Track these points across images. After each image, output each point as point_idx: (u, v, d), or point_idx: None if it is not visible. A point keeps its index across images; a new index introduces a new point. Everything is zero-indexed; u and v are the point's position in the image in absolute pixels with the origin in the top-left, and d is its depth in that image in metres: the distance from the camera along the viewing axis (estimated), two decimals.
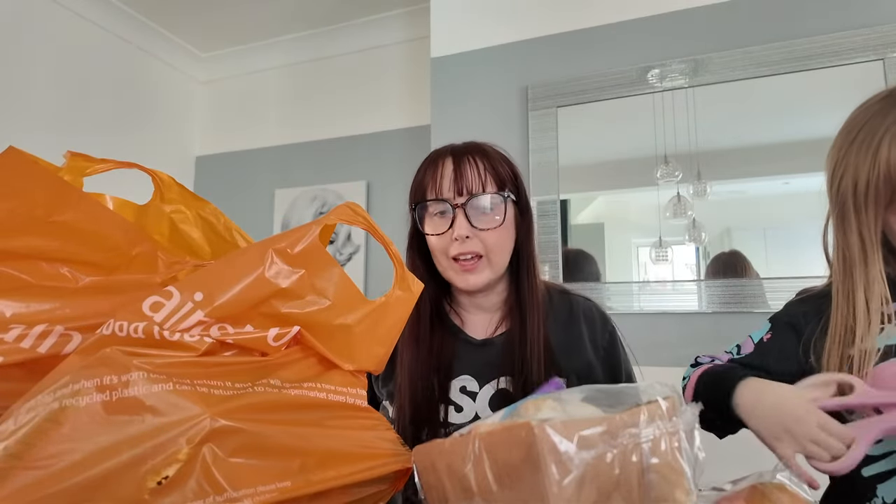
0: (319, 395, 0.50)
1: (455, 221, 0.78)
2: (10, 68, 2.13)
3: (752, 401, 0.63)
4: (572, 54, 1.84)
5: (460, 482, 0.42)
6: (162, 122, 2.80)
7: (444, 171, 0.80)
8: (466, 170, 0.79)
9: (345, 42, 2.69)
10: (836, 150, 0.71)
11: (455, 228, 0.77)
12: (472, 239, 0.78)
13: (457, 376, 0.81)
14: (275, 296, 0.48)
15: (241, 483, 0.40)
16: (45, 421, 0.38)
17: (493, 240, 0.79)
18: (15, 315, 0.46)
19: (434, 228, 0.80)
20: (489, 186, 0.79)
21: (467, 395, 0.80)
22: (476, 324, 0.86)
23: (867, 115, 0.67)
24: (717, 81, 1.65)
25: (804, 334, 0.72)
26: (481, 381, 0.81)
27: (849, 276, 0.67)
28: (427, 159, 0.84)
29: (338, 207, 0.54)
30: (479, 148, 0.83)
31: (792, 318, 0.75)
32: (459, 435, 0.46)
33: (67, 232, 0.48)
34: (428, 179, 0.81)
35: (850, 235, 0.67)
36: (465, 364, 0.82)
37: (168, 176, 0.64)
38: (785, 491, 0.47)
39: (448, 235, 0.78)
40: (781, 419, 0.59)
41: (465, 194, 0.78)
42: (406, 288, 0.57)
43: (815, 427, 0.57)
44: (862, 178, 0.65)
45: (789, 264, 1.56)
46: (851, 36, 1.52)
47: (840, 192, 0.69)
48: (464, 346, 0.84)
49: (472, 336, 0.85)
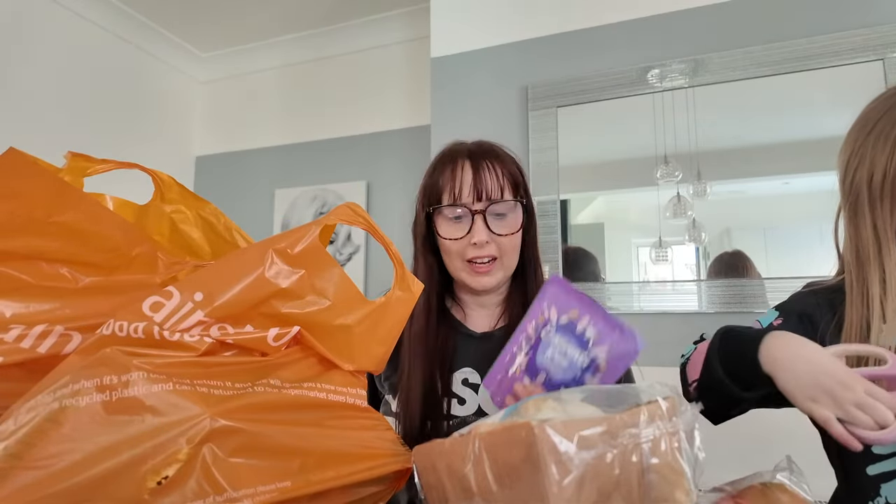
0: (319, 395, 0.50)
1: (474, 227, 0.78)
2: (10, 68, 2.13)
3: (785, 355, 0.58)
4: (572, 54, 1.84)
5: (460, 482, 0.42)
6: (162, 122, 2.80)
7: (464, 175, 0.80)
8: (485, 175, 0.79)
9: (345, 42, 2.69)
10: (850, 141, 0.69)
11: (474, 234, 0.78)
12: (490, 243, 0.79)
13: (458, 369, 0.82)
14: (275, 296, 0.48)
15: (241, 483, 0.40)
16: (45, 421, 0.38)
17: (507, 244, 0.81)
18: (15, 315, 0.46)
19: (451, 233, 0.81)
20: (507, 192, 0.80)
21: (469, 388, 0.81)
22: (476, 318, 0.88)
23: (885, 107, 0.66)
24: (717, 81, 1.65)
25: (819, 327, 0.70)
26: (482, 372, 0.80)
27: (862, 271, 0.66)
28: (441, 159, 0.84)
29: (338, 208, 0.54)
30: (493, 151, 0.83)
31: (805, 308, 0.72)
32: (459, 435, 0.46)
33: (67, 232, 0.48)
34: (445, 182, 0.81)
35: (864, 230, 0.66)
36: (467, 357, 0.83)
37: (168, 176, 0.64)
38: (785, 491, 0.47)
39: (465, 240, 0.79)
40: (820, 380, 0.56)
41: (485, 200, 0.79)
42: (406, 288, 0.57)
43: (861, 392, 0.54)
44: (878, 170, 0.64)
45: (789, 264, 1.56)
46: (851, 36, 1.52)
47: (854, 185, 0.67)
48: (465, 339, 0.85)
49: (473, 330, 0.86)
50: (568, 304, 0.60)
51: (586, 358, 0.57)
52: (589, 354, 0.57)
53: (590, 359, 0.56)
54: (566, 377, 0.57)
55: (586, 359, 0.57)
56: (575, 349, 0.58)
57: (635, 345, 0.54)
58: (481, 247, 0.79)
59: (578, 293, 0.61)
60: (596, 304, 0.59)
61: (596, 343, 0.57)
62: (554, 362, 0.59)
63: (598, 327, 0.57)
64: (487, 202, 0.79)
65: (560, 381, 0.58)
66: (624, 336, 0.55)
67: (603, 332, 0.57)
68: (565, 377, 0.57)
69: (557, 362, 0.58)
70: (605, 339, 0.56)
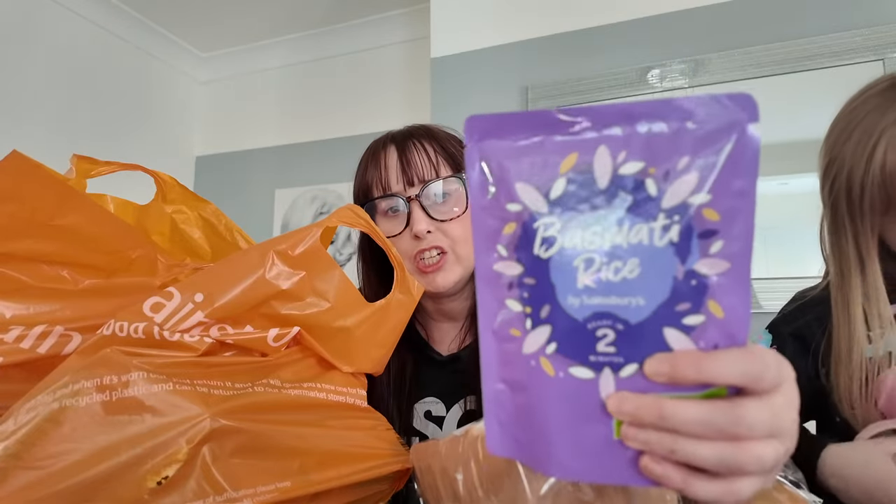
0: (319, 396, 0.50)
1: (411, 216, 0.66)
2: (10, 68, 2.13)
3: (850, 474, 0.54)
4: (572, 54, 1.84)
5: (451, 486, 0.42)
6: (162, 122, 2.80)
7: (388, 161, 0.68)
8: (413, 156, 0.67)
9: (345, 42, 2.69)
10: (829, 145, 0.65)
11: (412, 224, 0.65)
12: (434, 233, 0.66)
13: (421, 399, 0.71)
14: (275, 297, 0.48)
15: (241, 483, 0.40)
16: (45, 421, 0.38)
17: (457, 231, 0.67)
18: (15, 316, 0.46)
19: (389, 230, 0.68)
20: (443, 171, 0.68)
21: (433, 422, 0.70)
22: (442, 336, 0.75)
23: (864, 110, 0.61)
24: (717, 81, 1.65)
25: (812, 346, 0.66)
26: (448, 403, 0.71)
27: (847, 284, 0.63)
28: (366, 152, 0.73)
29: (339, 210, 0.54)
30: (423, 129, 0.71)
31: (796, 329, 0.69)
32: (453, 436, 0.46)
33: (68, 235, 0.48)
34: (371, 175, 0.69)
35: (846, 244, 0.63)
36: (431, 384, 0.71)
37: (170, 176, 0.64)
38: (783, 491, 0.47)
39: (406, 234, 0.67)
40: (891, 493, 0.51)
41: (417, 184, 0.67)
42: (406, 291, 0.57)
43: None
44: (856, 182, 0.60)
45: (787, 264, 1.56)
46: (851, 36, 1.52)
47: (833, 195, 0.63)
48: (429, 363, 0.73)
49: (438, 351, 0.74)
50: (548, 148, 0.29)
51: (669, 223, 0.27)
52: (668, 213, 0.27)
53: (675, 220, 0.27)
54: (654, 299, 0.27)
55: (671, 225, 0.27)
56: (633, 225, 0.28)
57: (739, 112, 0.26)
58: (423, 238, 0.66)
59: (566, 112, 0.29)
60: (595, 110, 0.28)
61: (667, 173, 0.27)
62: (607, 287, 0.28)
63: (638, 137, 0.27)
64: (421, 185, 0.66)
65: (647, 319, 0.28)
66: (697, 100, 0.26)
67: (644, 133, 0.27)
68: (653, 301, 0.27)
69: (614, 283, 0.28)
70: (661, 143, 0.27)
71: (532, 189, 0.29)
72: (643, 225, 0.28)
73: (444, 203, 0.67)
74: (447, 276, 0.67)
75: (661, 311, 0.27)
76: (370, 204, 0.69)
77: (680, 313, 0.27)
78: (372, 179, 0.69)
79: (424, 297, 0.72)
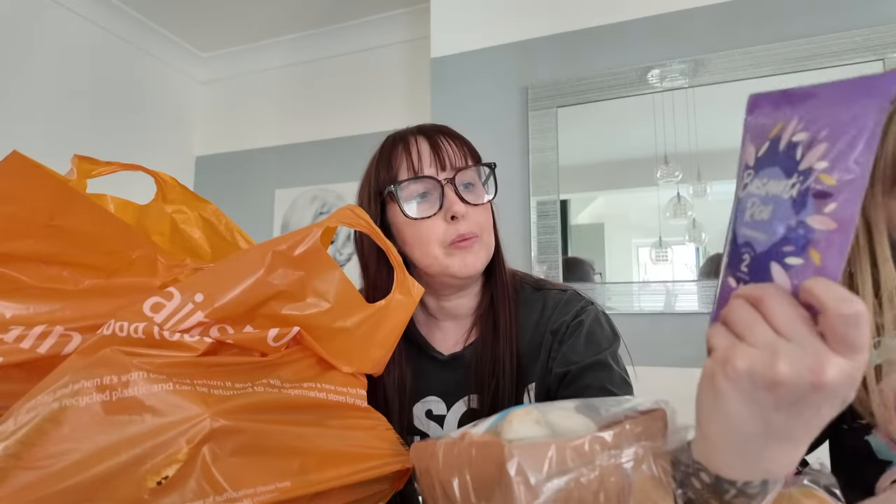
0: (319, 395, 0.50)
1: (445, 198, 0.66)
2: (9, 68, 2.13)
3: None
4: (572, 54, 1.84)
5: (445, 490, 0.42)
6: (162, 122, 2.80)
7: (420, 147, 0.69)
8: (445, 144, 0.69)
9: (345, 42, 2.69)
10: None
11: (448, 206, 0.66)
12: (468, 218, 0.67)
13: (421, 398, 0.72)
14: (275, 298, 0.48)
15: (241, 483, 0.40)
16: (45, 421, 0.38)
17: (483, 218, 0.69)
18: (15, 316, 0.46)
19: (421, 211, 0.67)
20: (469, 160, 0.70)
21: (434, 421, 0.71)
22: (444, 335, 0.76)
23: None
24: (717, 81, 1.65)
25: None
26: (449, 402, 0.72)
27: (855, 267, 0.61)
28: (387, 143, 0.73)
29: (339, 210, 0.54)
30: (446, 128, 0.73)
31: None
32: (451, 438, 0.45)
33: (68, 235, 0.48)
34: (399, 161, 0.69)
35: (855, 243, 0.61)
36: (431, 383, 0.73)
37: (170, 176, 0.64)
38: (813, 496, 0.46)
39: (439, 217, 0.67)
40: None
41: (450, 170, 0.68)
42: (406, 292, 0.57)
43: None
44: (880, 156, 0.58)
45: None
46: (851, 36, 1.52)
47: None
48: (430, 363, 0.74)
49: (440, 351, 0.74)
50: (773, 118, 0.37)
51: (797, 181, 0.33)
52: (799, 174, 0.33)
53: (801, 180, 0.33)
54: (771, 238, 0.35)
55: (798, 183, 0.33)
56: (779, 180, 0.35)
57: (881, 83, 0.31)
58: (460, 218, 0.66)
59: (789, 92, 0.36)
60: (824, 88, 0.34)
61: (811, 142, 0.33)
62: (754, 223, 0.36)
63: (813, 112, 0.34)
64: (453, 171, 0.68)
65: (764, 252, 0.35)
66: (853, 85, 0.32)
67: (819, 109, 0.33)
68: (771, 239, 0.35)
69: (757, 221, 0.36)
70: (822, 119, 0.33)
71: (753, 148, 0.40)
72: (785, 181, 0.35)
73: (474, 190, 0.70)
74: (477, 258, 0.68)
75: (773, 249, 0.35)
76: (401, 184, 0.68)
77: (785, 252, 0.34)
78: (401, 163, 0.69)
79: (428, 296, 0.74)
